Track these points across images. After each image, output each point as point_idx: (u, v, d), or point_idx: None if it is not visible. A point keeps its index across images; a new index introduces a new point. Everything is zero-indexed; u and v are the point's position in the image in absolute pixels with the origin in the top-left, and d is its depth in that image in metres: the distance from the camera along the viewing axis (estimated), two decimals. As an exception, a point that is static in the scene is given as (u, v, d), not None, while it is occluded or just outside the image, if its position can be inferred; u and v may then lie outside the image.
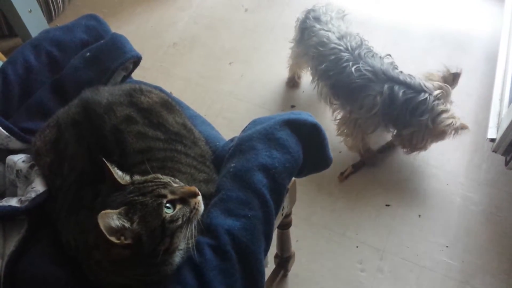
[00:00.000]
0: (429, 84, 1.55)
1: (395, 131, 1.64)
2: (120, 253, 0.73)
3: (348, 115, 1.66)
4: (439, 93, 1.53)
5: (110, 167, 0.78)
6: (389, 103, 1.54)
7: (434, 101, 1.52)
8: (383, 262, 1.54)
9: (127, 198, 0.75)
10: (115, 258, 0.73)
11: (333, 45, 1.62)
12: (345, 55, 1.59)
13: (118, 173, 0.79)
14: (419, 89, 1.53)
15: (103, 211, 0.70)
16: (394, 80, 1.55)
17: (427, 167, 1.75)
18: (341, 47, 1.61)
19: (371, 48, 1.65)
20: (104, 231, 0.69)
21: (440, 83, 1.56)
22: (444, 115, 1.51)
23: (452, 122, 1.52)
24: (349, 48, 1.61)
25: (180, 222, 0.76)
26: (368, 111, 1.58)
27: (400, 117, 1.55)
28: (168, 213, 0.75)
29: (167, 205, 0.76)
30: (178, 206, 0.77)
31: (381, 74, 1.55)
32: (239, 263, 0.84)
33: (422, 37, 2.17)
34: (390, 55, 1.66)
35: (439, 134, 1.55)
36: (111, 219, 0.71)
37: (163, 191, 0.77)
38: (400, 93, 1.52)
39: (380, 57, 1.62)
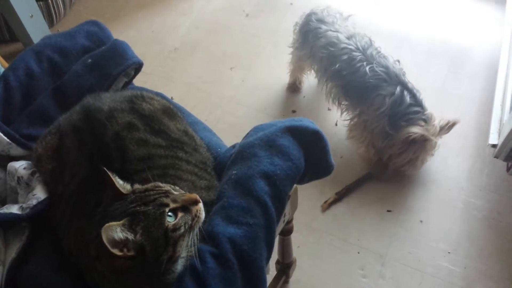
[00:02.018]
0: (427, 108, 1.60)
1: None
2: (123, 264, 0.72)
3: (358, 118, 1.66)
4: (429, 116, 1.58)
5: (111, 176, 0.77)
6: (398, 106, 1.57)
7: (421, 118, 1.57)
8: (385, 268, 1.54)
9: (129, 208, 0.75)
10: (118, 269, 0.73)
11: (343, 45, 1.63)
12: (358, 54, 1.60)
13: (119, 182, 0.78)
14: (419, 102, 1.59)
15: (107, 224, 0.69)
16: (404, 85, 1.58)
17: (429, 172, 1.75)
18: (352, 47, 1.62)
19: (379, 48, 1.66)
20: (107, 244, 0.69)
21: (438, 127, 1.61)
22: (416, 129, 1.54)
23: (415, 132, 1.54)
24: (360, 47, 1.62)
25: (182, 230, 0.76)
26: (376, 109, 1.60)
27: (397, 119, 1.58)
28: (170, 222, 0.75)
29: (169, 213, 0.75)
30: (180, 214, 0.76)
31: (394, 76, 1.58)
32: (241, 271, 0.83)
33: (424, 43, 2.17)
34: (398, 61, 1.68)
35: (403, 140, 1.57)
36: (114, 231, 0.70)
37: (165, 200, 0.76)
38: (407, 98, 1.57)
39: (392, 61, 1.64)
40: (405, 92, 1.57)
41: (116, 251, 0.70)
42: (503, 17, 2.09)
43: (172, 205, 0.76)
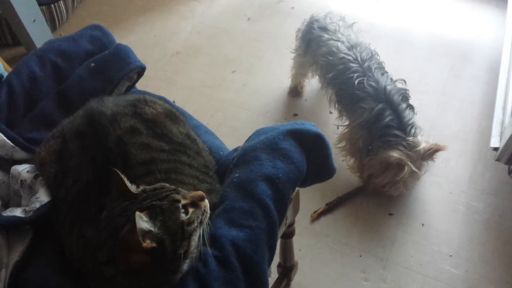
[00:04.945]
0: (417, 134, 1.55)
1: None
2: (141, 260, 0.73)
3: (347, 128, 1.67)
4: (412, 144, 1.52)
5: (121, 176, 0.78)
6: (373, 122, 1.55)
7: (400, 143, 1.52)
8: (387, 272, 1.54)
9: (145, 204, 0.76)
10: (134, 267, 0.73)
11: (342, 55, 1.62)
12: (354, 66, 1.60)
13: (127, 183, 0.79)
14: (403, 127, 1.54)
15: (137, 212, 0.70)
16: (390, 105, 1.55)
17: (430, 176, 1.75)
18: (350, 57, 1.62)
19: (382, 64, 1.66)
20: (138, 232, 0.70)
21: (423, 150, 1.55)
22: (395, 153, 1.51)
23: (392, 155, 1.50)
24: (359, 59, 1.61)
25: (195, 224, 0.78)
26: (355, 120, 1.60)
27: (375, 138, 1.56)
28: (184, 216, 0.77)
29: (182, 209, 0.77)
30: (191, 210, 0.79)
31: (381, 94, 1.56)
32: (243, 274, 0.84)
33: (424, 45, 2.18)
34: (404, 81, 1.65)
35: (380, 162, 1.54)
36: (143, 221, 0.72)
37: (177, 196, 0.78)
38: (387, 118, 1.53)
39: (391, 79, 1.62)
40: (387, 112, 1.53)
41: (142, 241, 0.71)
42: (504, 20, 2.09)
43: (183, 201, 0.78)
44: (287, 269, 1.44)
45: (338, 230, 1.64)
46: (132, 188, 0.79)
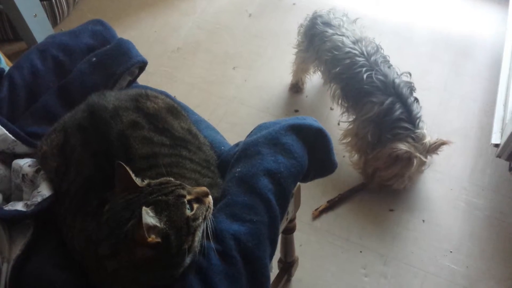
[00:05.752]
0: (423, 127, 1.56)
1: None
2: (145, 254, 0.73)
3: (352, 124, 1.66)
4: (420, 136, 1.53)
5: (127, 169, 0.78)
6: (383, 116, 1.55)
7: (409, 135, 1.53)
8: (387, 267, 1.54)
9: (150, 199, 0.76)
10: (138, 261, 0.73)
11: (348, 49, 1.62)
12: (360, 60, 1.59)
13: (133, 176, 0.79)
14: (412, 120, 1.55)
15: (144, 208, 0.71)
16: (400, 98, 1.55)
17: (431, 172, 1.75)
18: (356, 51, 1.61)
19: (387, 57, 1.65)
20: (144, 226, 0.70)
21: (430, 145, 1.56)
22: (403, 146, 1.51)
23: (401, 148, 1.50)
24: (365, 53, 1.61)
25: (200, 220, 0.78)
26: (363, 115, 1.60)
27: (384, 132, 1.56)
28: (189, 212, 0.77)
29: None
30: (196, 205, 0.79)
31: (390, 87, 1.55)
32: (245, 268, 0.84)
33: (426, 42, 2.18)
34: (409, 74, 1.65)
35: (389, 154, 1.54)
36: (149, 216, 0.72)
37: (182, 191, 0.78)
38: (398, 112, 1.53)
39: (397, 73, 1.62)
40: (397, 105, 1.53)
41: (147, 236, 0.71)
42: (506, 17, 2.09)
43: (188, 197, 0.78)
44: (287, 265, 1.44)
45: (339, 225, 1.64)
46: (137, 181, 0.79)
